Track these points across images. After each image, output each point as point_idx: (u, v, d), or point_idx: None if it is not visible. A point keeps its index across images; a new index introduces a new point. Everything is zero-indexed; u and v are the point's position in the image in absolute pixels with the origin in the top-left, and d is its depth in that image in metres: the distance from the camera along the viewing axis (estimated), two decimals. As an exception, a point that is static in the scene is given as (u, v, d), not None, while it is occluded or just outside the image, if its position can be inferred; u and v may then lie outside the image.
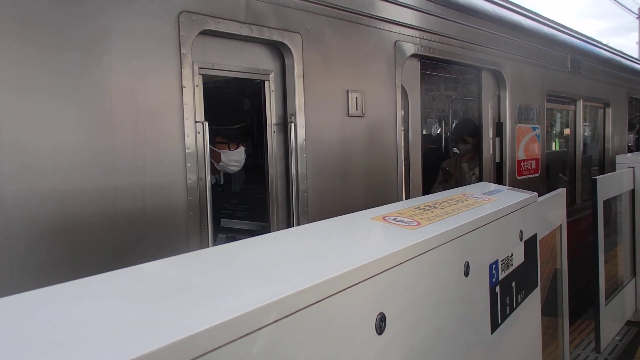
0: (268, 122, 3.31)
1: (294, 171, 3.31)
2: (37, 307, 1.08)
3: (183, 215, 2.73)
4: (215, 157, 3.98)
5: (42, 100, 2.22)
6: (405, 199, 4.13)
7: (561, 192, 3.63)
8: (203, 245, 2.82)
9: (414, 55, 4.28)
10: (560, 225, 3.43)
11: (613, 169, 6.56)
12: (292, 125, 3.29)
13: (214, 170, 3.97)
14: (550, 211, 3.34)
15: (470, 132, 6.02)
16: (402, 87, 4.15)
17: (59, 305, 1.09)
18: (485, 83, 5.37)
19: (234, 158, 4.09)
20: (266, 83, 3.27)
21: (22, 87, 2.17)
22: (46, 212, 2.25)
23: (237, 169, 4.19)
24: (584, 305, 7.10)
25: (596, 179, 5.12)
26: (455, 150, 6.81)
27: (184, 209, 2.73)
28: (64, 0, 2.30)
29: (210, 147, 2.86)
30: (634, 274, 6.40)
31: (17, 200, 2.17)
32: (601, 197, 5.14)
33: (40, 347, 0.90)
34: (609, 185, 5.46)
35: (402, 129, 4.16)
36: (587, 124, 8.87)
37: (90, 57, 2.37)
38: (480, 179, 5.46)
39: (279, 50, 3.29)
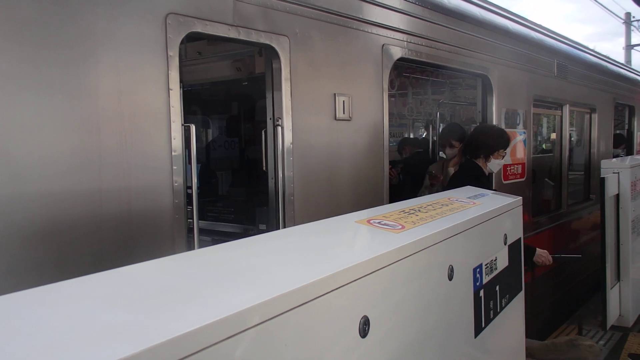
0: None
1: (280, 174, 3.31)
2: (16, 310, 1.07)
3: (169, 218, 2.72)
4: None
5: (26, 101, 2.21)
6: None
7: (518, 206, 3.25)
8: (189, 247, 2.82)
9: (401, 59, 4.30)
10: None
11: (598, 174, 6.63)
12: (279, 128, 3.29)
13: None
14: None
15: (457, 136, 6.04)
16: None
17: (38, 309, 1.08)
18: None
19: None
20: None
21: (6, 87, 2.16)
22: (31, 216, 2.23)
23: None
24: (573, 308, 7.17)
25: (604, 177, 5.85)
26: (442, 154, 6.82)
27: (169, 212, 2.72)
28: (50, 0, 2.29)
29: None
30: (618, 278, 6.44)
31: (1, 204, 2.15)
32: (608, 193, 5.92)
33: (19, 352, 0.90)
34: (612, 184, 6.09)
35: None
36: (574, 128, 8.93)
37: (76, 59, 2.36)
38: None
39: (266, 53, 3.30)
